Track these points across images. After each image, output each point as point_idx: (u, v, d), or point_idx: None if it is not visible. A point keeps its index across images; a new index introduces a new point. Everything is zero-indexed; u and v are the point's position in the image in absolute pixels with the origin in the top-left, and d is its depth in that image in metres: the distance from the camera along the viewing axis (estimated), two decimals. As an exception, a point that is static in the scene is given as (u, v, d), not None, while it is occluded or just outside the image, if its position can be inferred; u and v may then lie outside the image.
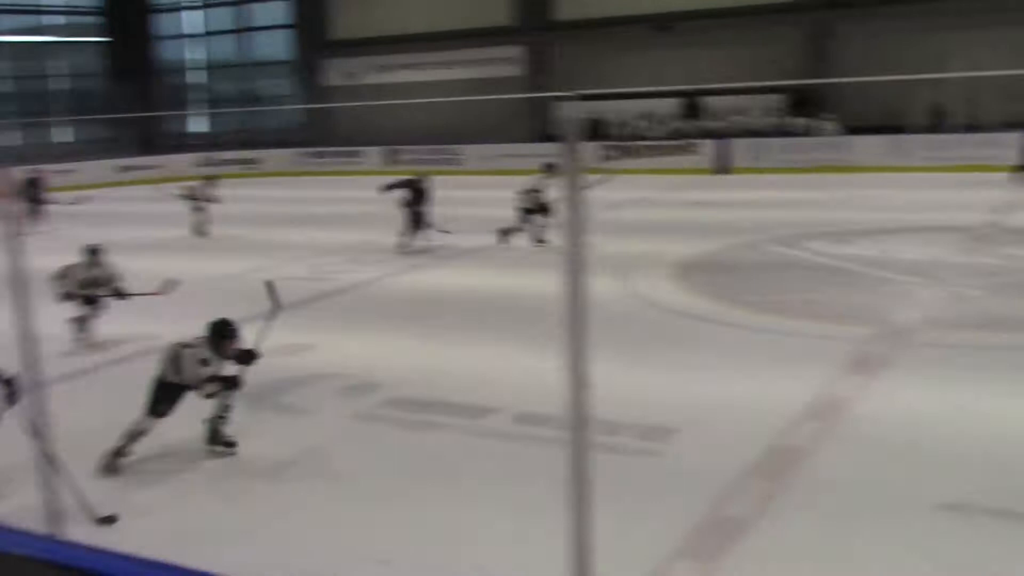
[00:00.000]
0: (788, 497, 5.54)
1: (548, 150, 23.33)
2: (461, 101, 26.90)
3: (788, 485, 5.69)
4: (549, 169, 14.47)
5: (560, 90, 23.55)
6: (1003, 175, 19.74)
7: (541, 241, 13.99)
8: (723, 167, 24.23)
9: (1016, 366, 7.77)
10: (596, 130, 27.71)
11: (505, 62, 31.14)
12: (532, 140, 26.99)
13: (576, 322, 2.52)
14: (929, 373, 7.67)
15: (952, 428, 6.46)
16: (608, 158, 24.32)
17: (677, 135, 26.28)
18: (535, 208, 13.99)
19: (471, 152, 27.66)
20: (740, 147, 24.44)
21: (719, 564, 4.79)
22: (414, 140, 28.91)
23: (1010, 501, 5.36)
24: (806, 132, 24.61)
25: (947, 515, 5.22)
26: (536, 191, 14.04)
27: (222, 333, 6.32)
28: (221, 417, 6.45)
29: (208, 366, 6.18)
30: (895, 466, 5.89)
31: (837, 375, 7.63)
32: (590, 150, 24.62)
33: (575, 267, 2.47)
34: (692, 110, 27.43)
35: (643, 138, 26.52)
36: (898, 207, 16.95)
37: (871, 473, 5.80)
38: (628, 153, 25.30)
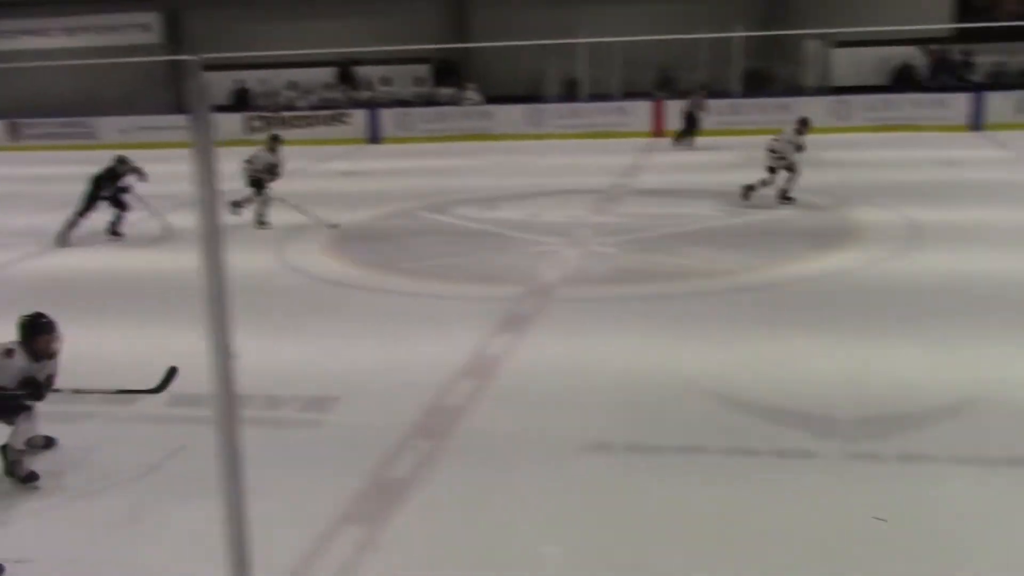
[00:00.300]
0: (449, 454, 5.75)
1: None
2: (92, 72, 25.05)
3: (448, 443, 5.91)
4: (275, 141, 13.65)
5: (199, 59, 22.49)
6: (630, 140, 21.56)
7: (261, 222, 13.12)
8: (374, 137, 24.39)
9: (643, 313, 8.53)
10: (242, 100, 26.91)
11: (138, 29, 29.34)
12: (172, 111, 25.67)
13: (216, 296, 2.46)
14: (571, 326, 8.23)
15: (593, 373, 6.99)
16: (253, 129, 23.68)
17: (327, 105, 26.08)
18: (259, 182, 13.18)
19: (105, 125, 25.80)
20: (390, 116, 24.69)
21: (384, 525, 4.89)
22: (40, 112, 26.53)
23: (642, 435, 5.91)
24: (451, 102, 25.33)
25: (592, 453, 5.66)
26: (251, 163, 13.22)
27: (35, 328, 5.44)
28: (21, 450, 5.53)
29: (11, 358, 5.32)
30: (545, 414, 6.30)
31: (490, 334, 7.99)
32: (236, 121, 23.88)
33: (212, 241, 2.41)
34: (346, 79, 27.31)
35: (292, 108, 26.08)
36: (538, 172, 17.91)
37: (524, 423, 6.16)
38: (276, 123, 24.77)
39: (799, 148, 13.32)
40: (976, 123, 21.61)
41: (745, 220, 12.64)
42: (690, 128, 20.70)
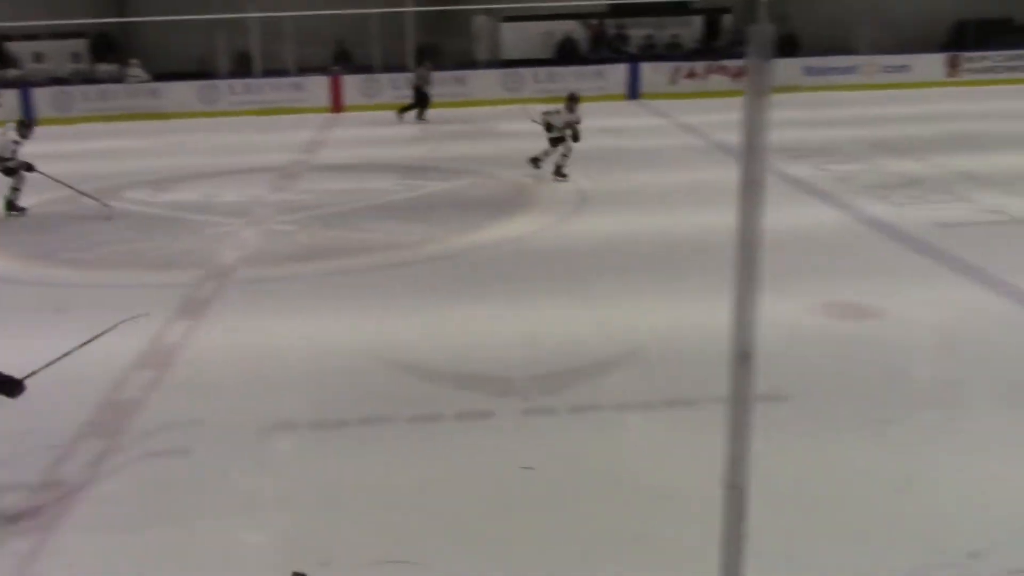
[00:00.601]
0: (125, 451, 5.48)
1: None
2: None
3: (124, 439, 5.62)
4: (25, 127, 12.05)
5: None
6: (309, 116, 21.30)
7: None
8: (28, 118, 22.44)
9: (326, 290, 8.52)
10: None
11: None
12: None
13: None
14: (252, 307, 8.06)
15: (277, 354, 6.90)
16: None
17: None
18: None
19: None
20: (44, 96, 22.79)
21: (55, 532, 4.59)
22: None
23: (329, 411, 5.92)
24: (114, 79, 23.78)
25: (278, 434, 5.59)
26: None
27: None
28: None
29: None
30: (228, 399, 6.14)
31: (166, 321, 7.66)
32: None
33: None
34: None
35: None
36: (214, 152, 17.28)
37: (206, 411, 5.97)
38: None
39: (568, 124, 12.97)
40: (633, 93, 23.25)
41: (425, 192, 12.89)
42: (420, 101, 20.50)
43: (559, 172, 13.16)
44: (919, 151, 14.43)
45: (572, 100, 13.18)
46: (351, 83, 22.74)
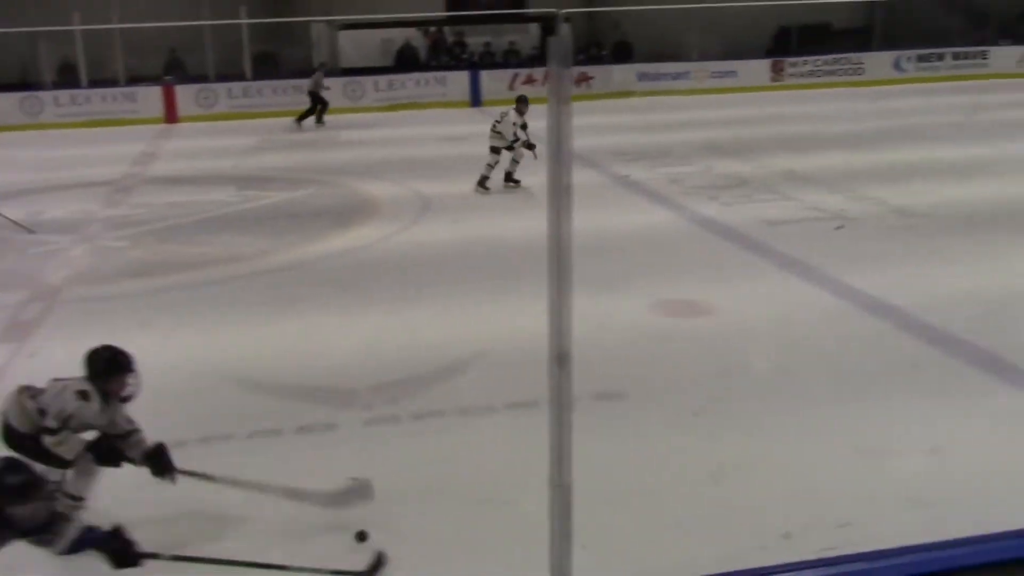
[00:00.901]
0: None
1: None
2: None
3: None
4: None
5: None
6: (141, 127, 20.57)
7: None
8: None
9: (162, 307, 8.27)
10: None
11: None
12: None
13: None
14: (82, 328, 7.72)
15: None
16: None
17: None
18: None
19: None
20: None
21: None
22: None
23: (165, 431, 5.70)
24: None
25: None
26: None
27: (117, 365, 4.63)
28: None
29: (89, 401, 4.47)
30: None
31: (-13, 346, 7.29)
32: None
33: None
34: None
35: None
36: (39, 166, 16.47)
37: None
38: None
39: (523, 127, 12.49)
40: (475, 100, 23.41)
41: (265, 204, 12.66)
42: (318, 107, 19.96)
43: (482, 183, 12.77)
44: (746, 152, 15.08)
45: (522, 103, 12.66)
46: (185, 93, 22.08)
